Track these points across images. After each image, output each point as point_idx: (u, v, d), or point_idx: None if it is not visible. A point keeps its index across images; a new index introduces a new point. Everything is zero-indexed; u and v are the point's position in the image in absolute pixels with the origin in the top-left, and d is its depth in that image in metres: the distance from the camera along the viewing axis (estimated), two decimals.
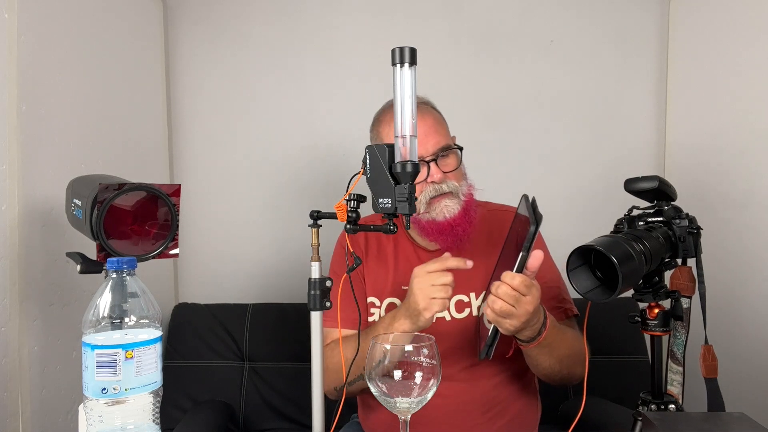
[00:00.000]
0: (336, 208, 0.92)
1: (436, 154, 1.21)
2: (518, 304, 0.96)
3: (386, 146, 0.86)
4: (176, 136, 2.08)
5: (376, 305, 1.27)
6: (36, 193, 1.32)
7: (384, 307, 1.27)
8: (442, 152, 1.21)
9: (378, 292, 1.28)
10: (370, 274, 1.30)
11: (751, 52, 1.67)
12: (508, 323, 0.98)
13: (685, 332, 1.16)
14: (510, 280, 0.96)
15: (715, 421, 0.89)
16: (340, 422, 1.38)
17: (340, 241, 1.38)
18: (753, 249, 1.66)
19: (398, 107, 0.84)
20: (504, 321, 0.98)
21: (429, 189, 1.20)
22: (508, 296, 0.96)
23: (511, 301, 0.96)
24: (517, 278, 0.96)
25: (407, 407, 0.82)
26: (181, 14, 2.06)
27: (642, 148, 2.07)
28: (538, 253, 0.97)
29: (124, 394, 0.74)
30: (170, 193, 1.04)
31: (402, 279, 1.28)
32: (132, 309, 0.77)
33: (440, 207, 1.20)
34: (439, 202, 1.20)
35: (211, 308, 1.93)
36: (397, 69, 0.84)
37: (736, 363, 1.57)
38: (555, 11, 2.06)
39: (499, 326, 0.99)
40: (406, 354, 0.83)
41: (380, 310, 1.27)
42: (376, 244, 1.33)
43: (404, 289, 1.26)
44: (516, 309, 0.97)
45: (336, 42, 2.06)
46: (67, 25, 1.46)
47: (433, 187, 1.20)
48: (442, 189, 1.20)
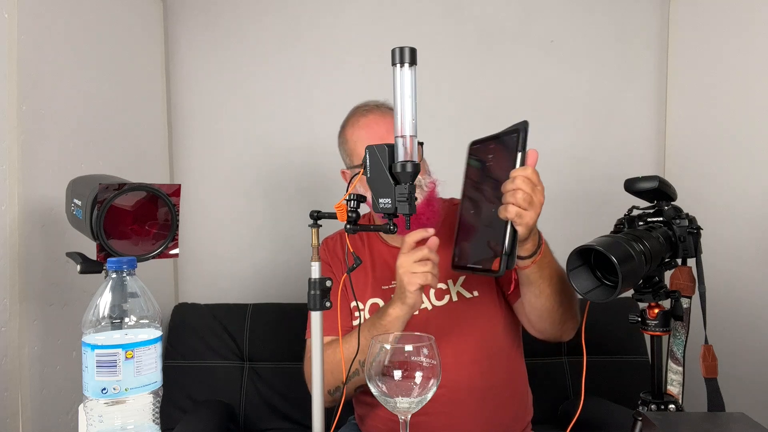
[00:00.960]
0: (336, 208, 0.92)
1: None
2: (534, 193, 0.95)
3: (386, 146, 0.86)
4: (176, 136, 2.08)
5: (360, 308, 1.29)
6: (36, 193, 1.32)
7: (367, 308, 1.28)
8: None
9: (360, 296, 1.30)
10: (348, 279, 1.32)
11: (751, 52, 1.68)
12: (529, 215, 0.95)
13: (685, 332, 1.16)
14: (522, 172, 0.95)
15: (715, 421, 0.89)
16: (340, 421, 1.38)
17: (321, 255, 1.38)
18: (753, 249, 1.66)
19: (398, 107, 0.84)
20: (525, 213, 0.94)
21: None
22: (526, 184, 0.94)
23: (529, 189, 0.94)
24: (528, 168, 0.95)
25: (407, 407, 0.82)
26: (181, 14, 2.06)
27: (642, 148, 2.07)
28: (533, 150, 0.98)
29: (124, 394, 0.74)
30: (170, 193, 1.04)
31: (381, 279, 1.30)
32: (132, 309, 0.77)
33: None
34: None
35: (211, 308, 1.93)
36: (397, 69, 0.84)
37: (736, 363, 1.57)
38: (555, 11, 2.06)
39: (520, 221, 0.95)
40: (406, 354, 0.83)
41: (364, 313, 1.28)
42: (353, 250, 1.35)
43: (384, 288, 1.29)
44: (534, 198, 0.95)
45: (336, 42, 2.06)
46: (67, 25, 1.46)
47: None
48: None
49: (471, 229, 1.10)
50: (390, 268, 1.30)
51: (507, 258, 0.96)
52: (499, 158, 1.04)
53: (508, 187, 0.95)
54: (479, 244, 1.07)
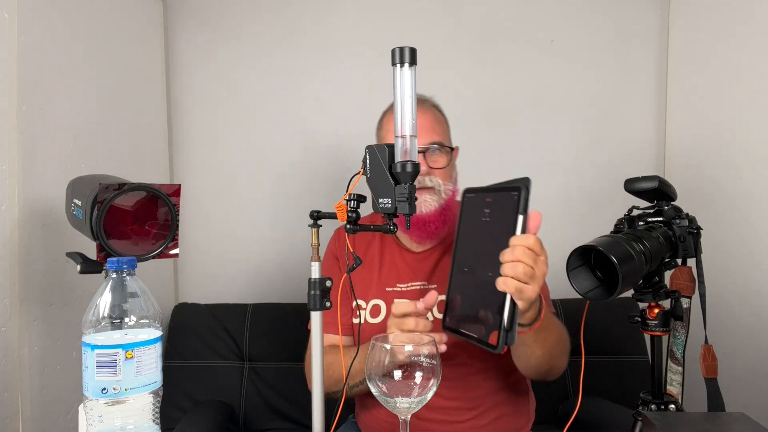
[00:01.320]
0: (336, 208, 0.92)
1: (426, 147, 1.22)
2: (536, 265, 0.86)
3: (386, 146, 0.86)
4: (176, 136, 2.08)
5: (362, 307, 1.27)
6: (36, 193, 1.32)
7: (369, 309, 1.27)
8: (432, 147, 1.23)
9: (363, 294, 1.28)
10: (355, 276, 1.28)
11: (751, 52, 1.67)
12: (531, 289, 0.86)
13: (685, 332, 1.16)
14: (523, 241, 0.85)
15: (715, 422, 0.89)
16: (340, 421, 1.38)
17: (330, 247, 1.37)
18: (753, 249, 1.66)
19: (398, 107, 0.84)
20: (527, 287, 0.85)
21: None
22: (527, 256, 0.85)
23: (530, 262, 0.85)
24: (531, 237, 0.86)
25: (407, 407, 0.82)
26: (181, 14, 2.06)
27: (642, 148, 2.07)
28: (536, 213, 0.89)
29: (124, 394, 0.74)
30: (170, 193, 1.04)
31: (386, 280, 1.28)
32: (132, 309, 0.77)
33: (419, 201, 1.19)
34: (421, 195, 1.20)
35: (211, 308, 1.93)
36: (397, 69, 0.84)
37: (736, 363, 1.57)
38: (555, 11, 2.06)
39: (520, 295, 0.85)
40: (406, 354, 0.83)
41: (366, 312, 1.27)
42: (365, 247, 1.33)
43: (388, 290, 1.27)
44: (536, 270, 0.86)
45: (336, 42, 2.06)
46: (67, 25, 1.46)
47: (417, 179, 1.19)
48: (424, 182, 1.21)
49: (465, 289, 0.99)
50: (398, 270, 1.29)
51: (506, 334, 0.87)
52: (496, 217, 0.94)
53: (507, 257, 0.86)
54: (474, 309, 0.96)
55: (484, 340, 0.90)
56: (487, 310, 0.91)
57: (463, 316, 0.97)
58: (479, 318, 0.92)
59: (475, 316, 0.94)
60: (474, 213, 1.00)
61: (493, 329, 0.88)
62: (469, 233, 1.01)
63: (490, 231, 0.95)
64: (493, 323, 0.88)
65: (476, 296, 0.95)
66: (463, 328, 0.96)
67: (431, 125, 1.25)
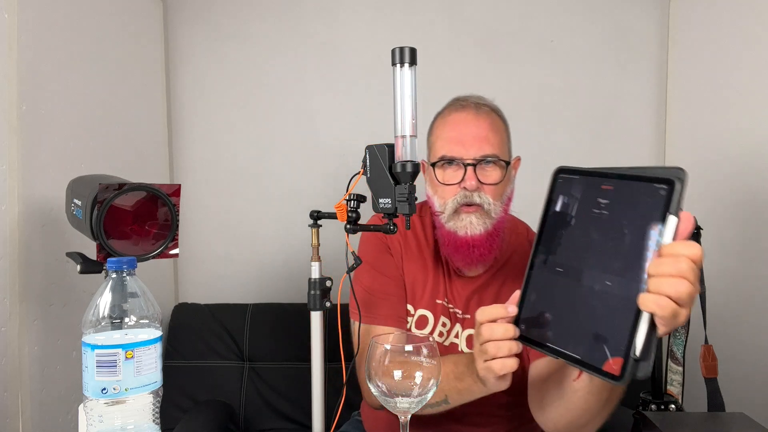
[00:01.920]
0: (336, 208, 0.92)
1: (478, 159, 1.11)
2: (696, 283, 0.68)
3: (386, 146, 0.86)
4: (176, 136, 2.08)
5: (410, 313, 1.19)
6: (36, 193, 1.32)
7: (416, 319, 1.18)
8: (485, 159, 1.11)
9: (413, 299, 1.19)
10: (408, 276, 1.21)
11: (751, 52, 1.68)
12: (685, 315, 0.68)
13: (685, 332, 1.16)
14: (688, 251, 0.65)
15: (715, 422, 0.89)
16: (341, 420, 1.38)
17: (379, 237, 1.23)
18: (753, 249, 1.66)
19: (398, 107, 0.84)
20: (682, 312, 0.67)
21: (460, 194, 1.11)
22: (692, 272, 0.66)
23: (693, 279, 0.66)
24: (695, 246, 0.66)
25: (407, 407, 0.82)
26: (181, 14, 2.06)
27: (642, 148, 2.07)
28: (688, 215, 0.68)
29: (124, 394, 0.74)
30: (170, 193, 1.04)
31: (435, 290, 1.20)
32: (132, 309, 0.77)
33: (465, 221, 1.10)
34: (468, 215, 1.11)
35: (211, 308, 1.93)
36: (397, 69, 0.84)
37: (736, 363, 1.57)
38: (555, 11, 2.06)
39: (672, 321, 0.67)
40: (406, 354, 0.83)
41: (412, 321, 1.18)
42: (415, 244, 1.23)
43: (437, 302, 1.19)
44: (696, 290, 0.68)
45: (336, 41, 2.06)
46: (67, 25, 1.46)
47: (464, 193, 1.10)
48: (472, 198, 1.10)
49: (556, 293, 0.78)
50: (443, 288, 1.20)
51: (637, 364, 0.68)
52: (623, 212, 0.74)
53: (665, 269, 0.66)
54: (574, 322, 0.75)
55: (596, 367, 0.71)
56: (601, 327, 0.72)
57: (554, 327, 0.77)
58: (584, 335, 0.73)
59: (576, 332, 0.75)
60: (576, 201, 0.82)
61: (614, 354, 0.69)
62: (566, 225, 0.81)
63: (608, 228, 0.75)
64: (614, 347, 0.70)
65: (579, 306, 0.75)
66: (553, 343, 0.77)
67: (486, 135, 1.13)
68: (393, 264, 1.21)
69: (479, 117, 1.14)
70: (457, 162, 1.12)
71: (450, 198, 1.12)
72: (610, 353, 0.70)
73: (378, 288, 1.18)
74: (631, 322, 0.68)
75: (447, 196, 1.13)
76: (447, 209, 1.12)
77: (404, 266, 1.21)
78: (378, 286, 1.18)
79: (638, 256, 0.69)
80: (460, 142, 1.11)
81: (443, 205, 1.14)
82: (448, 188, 1.13)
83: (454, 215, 1.12)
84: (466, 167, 1.10)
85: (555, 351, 0.76)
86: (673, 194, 0.67)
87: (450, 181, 1.12)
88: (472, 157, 1.10)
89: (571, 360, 0.74)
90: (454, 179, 1.12)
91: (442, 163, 1.14)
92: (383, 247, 1.22)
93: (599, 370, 0.70)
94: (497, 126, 1.17)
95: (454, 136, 1.13)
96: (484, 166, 1.11)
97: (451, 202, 1.11)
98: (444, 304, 1.19)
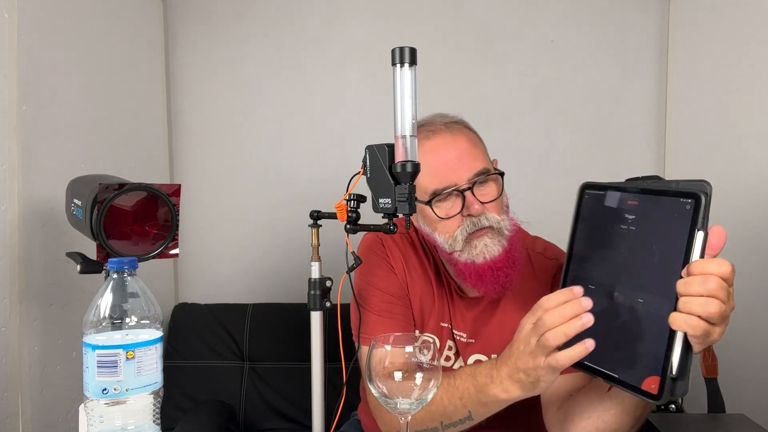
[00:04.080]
0: (336, 208, 0.92)
1: (473, 181, 1.03)
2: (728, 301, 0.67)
3: (386, 146, 0.86)
4: (176, 136, 2.08)
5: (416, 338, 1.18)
6: (36, 193, 1.32)
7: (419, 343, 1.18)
8: (479, 178, 1.04)
9: (421, 324, 1.13)
10: (415, 296, 1.15)
11: (751, 52, 1.68)
12: (719, 333, 0.68)
13: None
14: (717, 269, 0.65)
15: (715, 423, 0.89)
16: (341, 421, 1.38)
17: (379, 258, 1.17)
18: (753, 249, 1.66)
19: (398, 107, 0.84)
20: (715, 331, 0.67)
21: (466, 224, 1.03)
22: (723, 291, 0.65)
23: (725, 297, 0.66)
24: (726, 264, 0.66)
25: (407, 408, 0.82)
26: (181, 14, 2.06)
27: (642, 148, 2.07)
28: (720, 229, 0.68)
29: (124, 395, 0.74)
30: (170, 193, 1.04)
31: (442, 313, 1.15)
32: (132, 309, 0.77)
33: (480, 246, 1.03)
34: (480, 239, 1.03)
35: (211, 308, 1.93)
36: (397, 69, 0.84)
37: (736, 363, 1.57)
38: (555, 11, 2.06)
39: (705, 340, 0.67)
40: (406, 355, 0.83)
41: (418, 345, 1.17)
42: (417, 263, 1.17)
43: (442, 326, 1.14)
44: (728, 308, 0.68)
45: (336, 42, 2.06)
46: (67, 25, 1.46)
47: (471, 221, 1.03)
48: (481, 223, 1.03)
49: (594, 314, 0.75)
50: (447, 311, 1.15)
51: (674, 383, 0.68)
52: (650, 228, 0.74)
53: (694, 288, 0.66)
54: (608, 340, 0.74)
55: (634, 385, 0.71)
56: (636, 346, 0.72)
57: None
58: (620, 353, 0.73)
59: (611, 350, 0.74)
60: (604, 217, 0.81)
61: (651, 373, 0.69)
62: (595, 241, 0.81)
63: (636, 245, 0.75)
64: (650, 365, 0.69)
65: (613, 324, 0.74)
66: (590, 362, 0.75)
67: (469, 152, 1.05)
68: (398, 284, 1.15)
69: (455, 136, 1.06)
70: (452, 191, 1.03)
71: (456, 230, 1.04)
72: (647, 372, 0.69)
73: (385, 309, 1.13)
74: (666, 340, 0.68)
75: (452, 230, 1.04)
76: (457, 242, 1.04)
77: (409, 287, 1.15)
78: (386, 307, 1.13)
79: (668, 274, 0.69)
80: (447, 170, 1.03)
81: (450, 239, 1.05)
82: (450, 221, 1.04)
83: (467, 245, 1.04)
84: (463, 193, 1.03)
85: (592, 369, 0.75)
86: (700, 209, 0.68)
87: (452, 213, 1.04)
88: (465, 180, 1.03)
89: (608, 378, 0.74)
90: (454, 210, 1.04)
91: (438, 199, 1.05)
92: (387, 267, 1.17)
93: (637, 389, 0.70)
94: (473, 139, 1.10)
95: (438, 165, 1.04)
96: (479, 186, 1.04)
97: (459, 234, 1.03)
98: (449, 328, 1.15)
